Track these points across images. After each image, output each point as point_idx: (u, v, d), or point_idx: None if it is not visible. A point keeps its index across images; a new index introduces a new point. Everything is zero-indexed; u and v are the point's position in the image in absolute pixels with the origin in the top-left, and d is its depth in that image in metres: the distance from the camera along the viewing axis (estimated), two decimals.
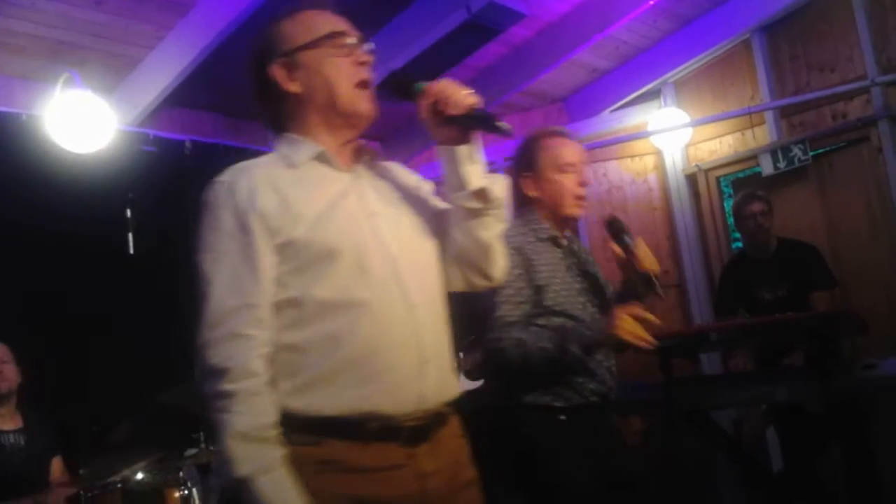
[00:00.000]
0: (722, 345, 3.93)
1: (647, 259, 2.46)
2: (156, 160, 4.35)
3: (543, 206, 2.52)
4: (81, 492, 2.94)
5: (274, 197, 1.54)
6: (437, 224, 1.71)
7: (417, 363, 1.55)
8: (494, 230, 1.69)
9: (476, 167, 1.63)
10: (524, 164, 2.54)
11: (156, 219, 3.51)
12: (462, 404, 1.69)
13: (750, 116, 5.22)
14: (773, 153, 5.09)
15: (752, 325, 3.70)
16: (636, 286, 2.51)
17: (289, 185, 1.57)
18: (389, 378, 1.52)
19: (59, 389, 3.66)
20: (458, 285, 1.75)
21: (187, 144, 4.44)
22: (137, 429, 3.33)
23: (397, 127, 5.61)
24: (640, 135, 5.64)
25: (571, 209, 2.50)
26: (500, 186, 1.66)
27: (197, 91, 4.34)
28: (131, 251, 3.45)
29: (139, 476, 3.16)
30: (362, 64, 1.67)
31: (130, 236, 3.44)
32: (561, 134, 2.57)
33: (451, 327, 1.70)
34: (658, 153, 5.73)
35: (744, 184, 5.40)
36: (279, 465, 1.44)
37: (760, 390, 3.24)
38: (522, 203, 2.54)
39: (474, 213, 1.65)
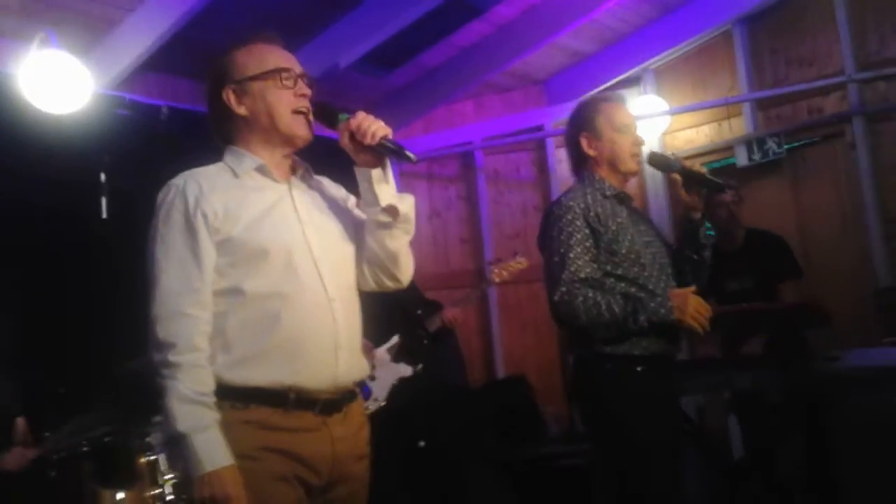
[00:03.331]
0: (688, 333, 3.97)
1: (697, 166, 2.69)
2: (131, 124, 4.29)
3: (601, 164, 2.71)
4: (47, 454, 2.93)
5: (217, 201, 1.82)
6: (357, 232, 2.01)
7: (333, 348, 1.84)
8: (401, 241, 1.99)
9: (387, 187, 1.91)
10: (583, 126, 2.73)
11: (129, 183, 3.47)
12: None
13: (727, 107, 5.27)
14: (749, 145, 5.14)
15: (718, 313, 3.74)
16: (695, 224, 2.72)
17: (231, 191, 1.85)
18: (308, 359, 1.81)
19: (27, 351, 3.62)
20: (371, 285, 2.04)
21: (163, 110, 4.38)
22: (105, 393, 3.33)
23: (377, 101, 5.59)
24: None
25: (628, 164, 2.71)
26: (407, 204, 1.95)
27: (175, 57, 4.29)
28: (104, 215, 3.42)
29: (106, 440, 3.16)
30: (302, 96, 1.92)
31: (103, 200, 3.41)
32: (615, 99, 2.80)
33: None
34: None
35: (718, 174, 5.42)
36: (213, 425, 1.71)
37: (724, 377, 3.29)
38: (581, 163, 2.76)
39: (384, 226, 1.94)
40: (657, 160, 2.75)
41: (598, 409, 2.60)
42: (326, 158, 2.07)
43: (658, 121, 5.54)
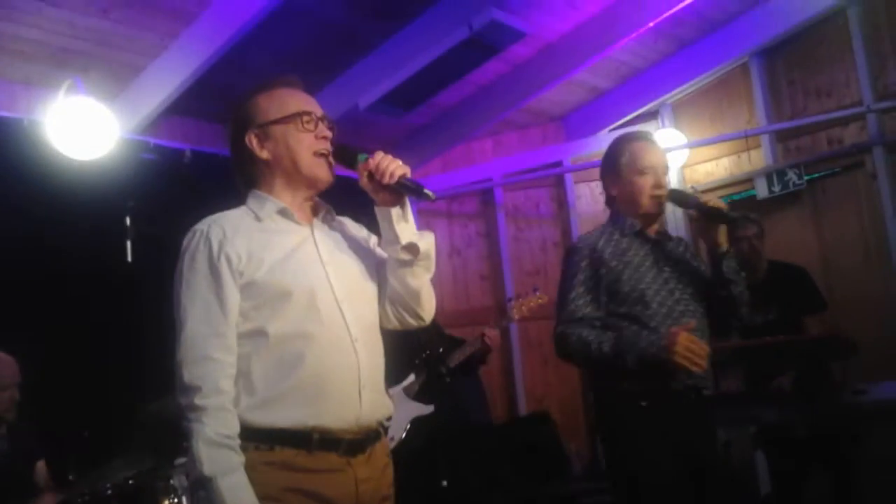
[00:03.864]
0: (712, 366, 3.94)
1: (714, 201, 2.63)
2: (155, 168, 4.36)
3: (623, 203, 2.75)
4: (72, 498, 2.95)
5: (241, 244, 1.84)
6: (379, 272, 2.03)
7: (356, 388, 1.85)
8: (422, 278, 2.00)
9: (407, 225, 1.94)
10: (609, 166, 2.78)
11: (154, 227, 3.52)
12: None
13: (746, 139, 5.27)
14: (769, 176, 5.13)
15: (743, 347, 3.72)
16: (719, 260, 2.65)
17: (254, 235, 1.88)
18: (332, 399, 1.81)
19: (53, 395, 3.65)
20: (394, 324, 2.06)
21: (187, 153, 4.46)
22: (129, 437, 3.34)
23: (396, 141, 5.65)
24: None
25: (646, 206, 2.69)
26: (426, 242, 1.96)
27: (198, 101, 4.37)
28: (129, 259, 3.46)
29: (130, 484, 3.16)
30: (323, 138, 1.95)
31: (129, 244, 3.45)
32: (644, 139, 2.79)
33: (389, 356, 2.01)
34: None
35: (739, 206, 5.43)
36: (238, 468, 1.72)
37: (749, 412, 3.26)
38: (609, 200, 2.82)
39: (405, 264, 1.96)
40: (675, 196, 2.74)
41: (607, 445, 2.65)
42: (349, 198, 2.08)
43: (677, 154, 5.54)
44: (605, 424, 2.63)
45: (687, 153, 5.56)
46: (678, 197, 2.72)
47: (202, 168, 4.48)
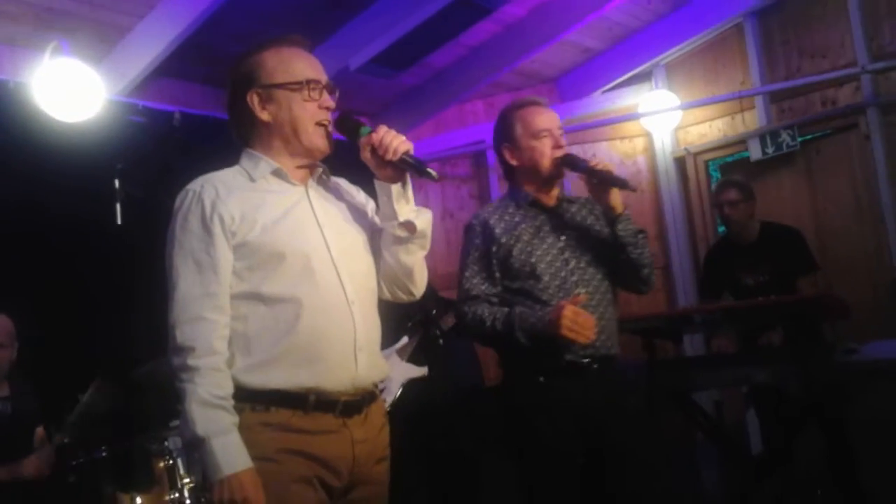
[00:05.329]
0: (705, 327, 3.96)
1: (603, 164, 2.59)
2: (144, 131, 4.32)
3: (523, 174, 2.69)
4: (67, 460, 2.96)
5: (234, 205, 1.82)
6: (375, 239, 2.01)
7: (352, 350, 1.84)
8: (417, 255, 2.00)
9: (406, 203, 1.93)
10: (504, 137, 2.70)
11: (143, 189, 3.50)
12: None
13: (740, 101, 5.24)
14: (762, 138, 5.11)
15: (735, 307, 3.74)
16: (614, 214, 2.60)
17: (247, 195, 1.85)
18: (328, 361, 1.81)
19: (45, 359, 3.64)
20: (386, 296, 2.05)
21: (176, 115, 4.41)
22: (123, 399, 3.34)
23: (387, 103, 5.60)
24: (630, 116, 5.64)
25: (548, 170, 2.64)
26: (424, 220, 1.96)
27: (187, 62, 4.31)
28: (118, 222, 3.44)
29: (124, 446, 3.18)
30: (326, 108, 1.92)
31: (118, 206, 3.43)
32: (533, 103, 2.72)
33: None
34: (648, 135, 5.74)
35: (732, 168, 5.42)
36: (232, 429, 1.71)
37: (741, 372, 3.29)
38: (508, 174, 2.75)
39: (400, 241, 1.95)
40: (567, 160, 2.64)
41: (505, 418, 2.63)
42: (345, 160, 2.05)
43: (670, 116, 5.51)
44: (503, 398, 2.62)
45: (680, 115, 5.53)
46: (570, 161, 2.64)
47: (191, 130, 4.44)
